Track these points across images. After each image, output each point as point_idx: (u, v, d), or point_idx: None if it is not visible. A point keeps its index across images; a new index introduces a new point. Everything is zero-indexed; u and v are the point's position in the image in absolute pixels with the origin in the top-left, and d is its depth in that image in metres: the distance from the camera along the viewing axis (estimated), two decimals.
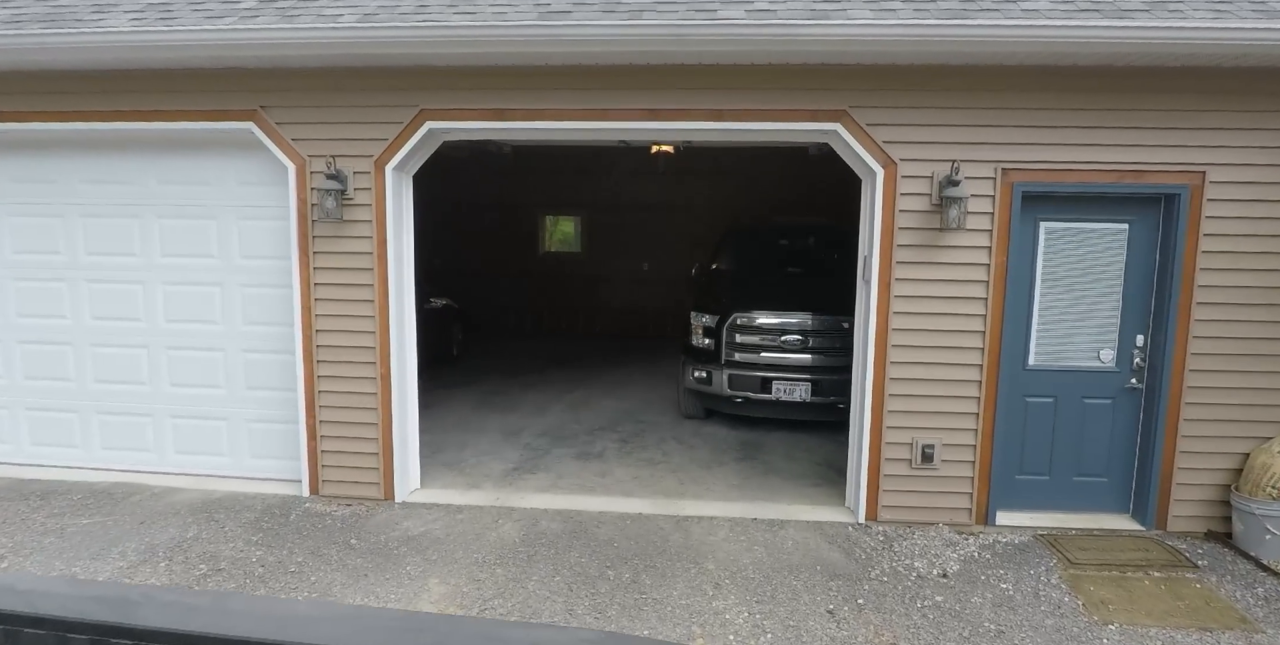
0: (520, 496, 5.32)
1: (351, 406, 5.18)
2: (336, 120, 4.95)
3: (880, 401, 4.82)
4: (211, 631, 0.91)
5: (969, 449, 4.84)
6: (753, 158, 11.82)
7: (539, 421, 7.32)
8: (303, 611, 1.07)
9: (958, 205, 4.47)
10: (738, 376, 6.59)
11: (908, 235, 4.69)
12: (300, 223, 5.05)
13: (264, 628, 0.92)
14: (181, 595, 1.19)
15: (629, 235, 12.99)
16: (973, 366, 4.77)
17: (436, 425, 7.13)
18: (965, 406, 4.80)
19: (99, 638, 0.93)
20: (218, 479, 5.58)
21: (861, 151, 4.64)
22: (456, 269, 13.14)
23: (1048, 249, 4.83)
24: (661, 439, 6.78)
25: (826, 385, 6.43)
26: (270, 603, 1.64)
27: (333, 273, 5.07)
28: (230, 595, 1.13)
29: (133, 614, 0.95)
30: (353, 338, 5.10)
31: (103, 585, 1.44)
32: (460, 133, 4.99)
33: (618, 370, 10.02)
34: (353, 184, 4.95)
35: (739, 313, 6.70)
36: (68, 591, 1.08)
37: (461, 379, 9.25)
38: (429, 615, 1.38)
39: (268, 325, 5.39)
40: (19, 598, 0.99)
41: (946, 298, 4.72)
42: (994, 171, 4.62)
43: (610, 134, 4.99)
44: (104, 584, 1.51)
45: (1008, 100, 4.57)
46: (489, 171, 12.64)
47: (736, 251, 8.28)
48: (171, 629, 0.92)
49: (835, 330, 6.53)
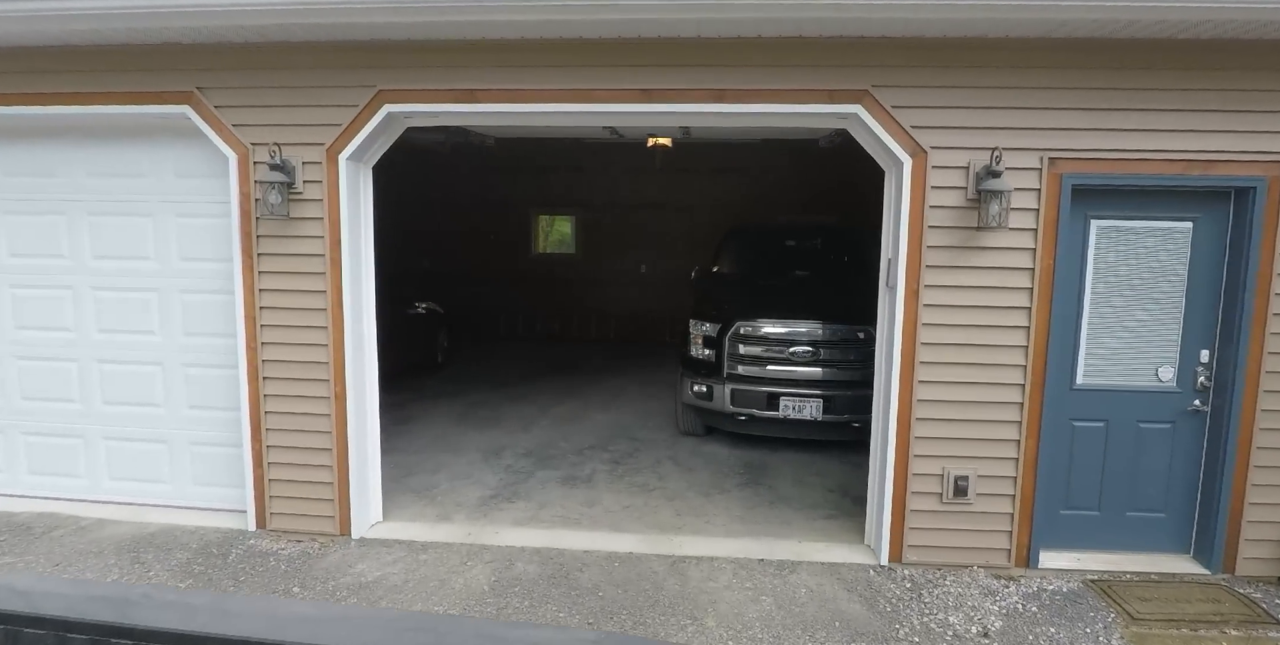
0: (495, 531, 4.69)
1: (302, 429, 4.55)
2: (283, 103, 4.32)
3: (906, 426, 4.19)
4: (211, 631, 0.92)
5: (1008, 481, 4.21)
6: (756, 154, 11.22)
7: (524, 439, 6.69)
8: (303, 611, 1.07)
9: (998, 200, 3.84)
10: (741, 392, 5.96)
11: (939, 235, 4.06)
12: (242, 220, 4.42)
13: (264, 628, 0.93)
14: (181, 595, 1.13)
15: (626, 236, 12.39)
16: (1013, 386, 4.13)
17: (412, 443, 6.51)
18: (1004, 432, 4.17)
19: (99, 638, 0.93)
20: (157, 509, 4.96)
21: (885, 138, 4.01)
22: (445, 271, 12.55)
23: (1099, 251, 4.20)
24: (657, 460, 6.15)
25: (840, 402, 5.79)
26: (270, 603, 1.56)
27: (280, 277, 4.44)
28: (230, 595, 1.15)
29: (133, 614, 0.96)
30: (303, 351, 4.48)
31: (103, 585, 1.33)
32: (424, 117, 4.37)
33: (613, 379, 9.39)
34: (301, 176, 4.33)
35: (742, 321, 6.07)
36: (68, 591, 1.08)
37: (445, 389, 8.62)
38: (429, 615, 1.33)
39: (211, 336, 4.76)
40: (19, 598, 1.00)
41: (984, 307, 4.08)
42: (1039, 161, 3.99)
43: (597, 118, 4.36)
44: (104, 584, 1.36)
45: (1056, 78, 3.94)
46: (477, 168, 12.07)
47: (739, 253, 7.65)
48: (171, 629, 0.93)
49: (849, 341, 5.89)
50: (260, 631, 0.91)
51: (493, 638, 0.96)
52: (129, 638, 0.92)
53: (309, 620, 0.98)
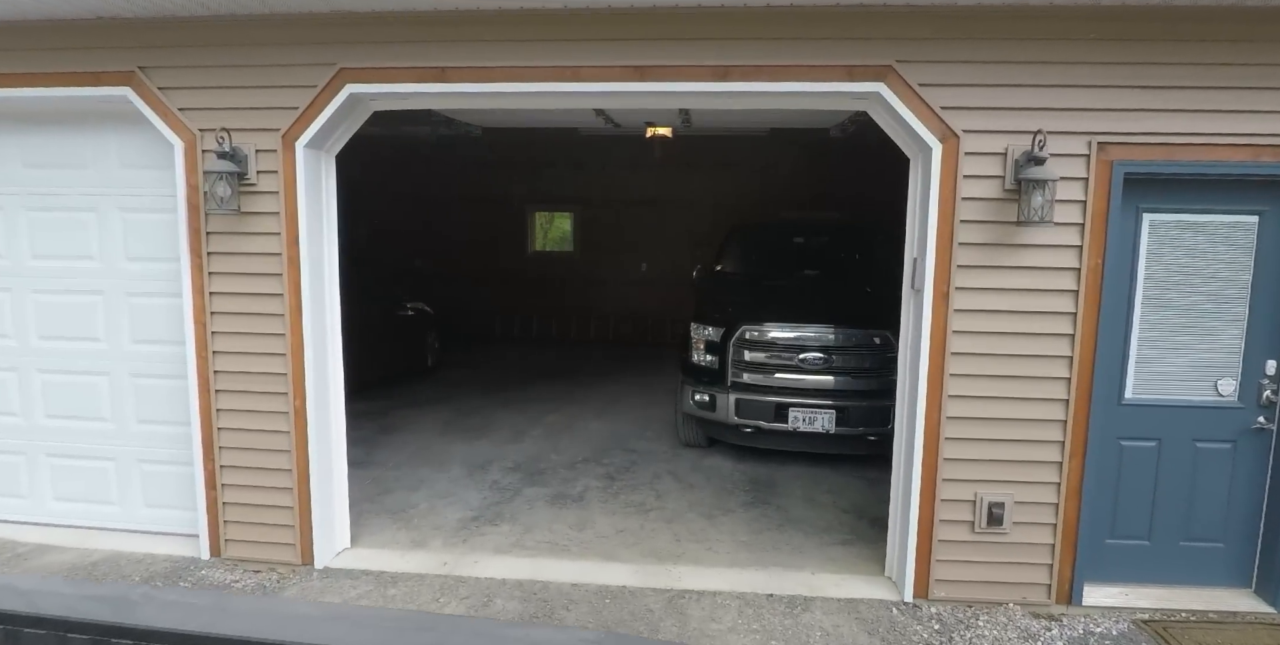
0: (474, 560, 4.23)
1: (258, 447, 4.09)
2: (233, 84, 3.86)
3: (934, 446, 3.71)
4: (211, 631, 0.93)
5: (1049, 508, 3.73)
6: (761, 148, 10.75)
7: (512, 451, 6.22)
8: (303, 611, 1.08)
9: (1042, 190, 3.36)
10: (747, 402, 5.49)
11: (973, 231, 3.58)
12: (190, 215, 3.96)
13: (264, 628, 0.93)
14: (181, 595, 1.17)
15: (626, 234, 11.93)
16: (1056, 402, 3.66)
17: (392, 455, 6.05)
18: (1045, 452, 3.69)
19: (99, 638, 0.93)
20: (104, 533, 4.51)
21: (912, 120, 3.54)
22: (438, 271, 12.12)
23: (1152, 248, 3.72)
24: (655, 475, 5.68)
25: (854, 413, 5.32)
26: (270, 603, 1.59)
27: (232, 279, 3.99)
28: (230, 595, 1.14)
29: (133, 614, 0.96)
30: (258, 361, 4.02)
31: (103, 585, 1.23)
32: (392, 99, 3.90)
33: (610, 384, 8.92)
34: (254, 165, 3.87)
35: (748, 325, 5.60)
36: (68, 591, 1.07)
37: (433, 394, 8.16)
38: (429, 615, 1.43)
39: (160, 344, 4.30)
40: (20, 598, 1.00)
41: (1023, 312, 3.61)
42: (1087, 146, 3.51)
43: (585, 100, 3.88)
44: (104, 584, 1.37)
45: (1106, 51, 3.45)
46: (471, 163, 11.63)
47: (743, 252, 7.18)
48: (171, 629, 0.93)
49: (864, 347, 5.42)
50: (260, 631, 0.91)
51: (493, 637, 0.95)
52: (129, 638, 0.92)
53: (309, 620, 0.98)
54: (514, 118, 6.60)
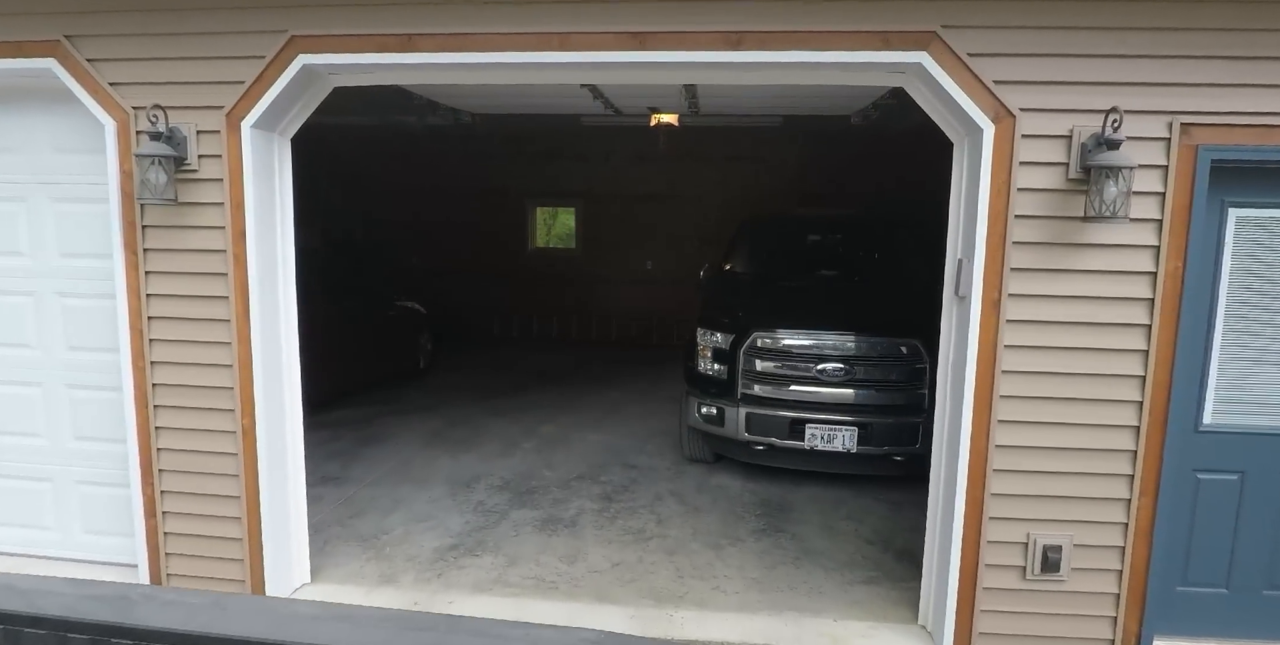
0: (449, 600, 3.72)
1: (202, 471, 3.59)
2: (170, 54, 3.35)
3: (981, 479, 3.18)
4: (211, 631, 0.92)
5: (1114, 551, 3.19)
6: (773, 139, 10.23)
7: (502, 466, 5.72)
8: (303, 611, 1.05)
9: (1116, 180, 2.82)
10: (758, 417, 4.95)
11: (1030, 228, 3.04)
12: (125, 206, 3.46)
13: (264, 628, 0.93)
14: (181, 595, 1.09)
15: (631, 230, 11.40)
16: (1124, 428, 3.12)
17: (370, 470, 5.56)
18: (1111, 487, 3.16)
19: (99, 637, 0.93)
20: (40, 561, 4.04)
21: (959, 97, 2.99)
22: (434, 268, 11.62)
23: (1239, 249, 3.17)
24: (657, 496, 5.16)
25: (878, 431, 4.78)
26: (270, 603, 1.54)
27: (171, 279, 3.49)
28: (230, 595, 1.09)
29: (133, 614, 0.96)
30: (201, 373, 3.52)
31: (103, 585, 1.14)
32: (353, 72, 3.39)
33: (612, 390, 8.41)
34: (195, 148, 3.36)
35: (760, 331, 5.06)
36: (68, 591, 1.06)
37: (422, 401, 7.66)
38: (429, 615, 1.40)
39: (98, 351, 3.81)
40: (20, 597, 0.99)
41: (1088, 324, 3.07)
42: (1167, 128, 2.97)
43: (576, 73, 3.36)
44: (104, 584, 1.15)
45: (1193, 15, 2.91)
46: (468, 155, 11.13)
47: (755, 249, 6.64)
48: (171, 629, 0.92)
49: (890, 357, 4.88)
50: (260, 631, 0.91)
51: (493, 637, 0.94)
52: (129, 638, 0.92)
53: (309, 620, 0.97)
54: (500, 100, 6.03)
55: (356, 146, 11.08)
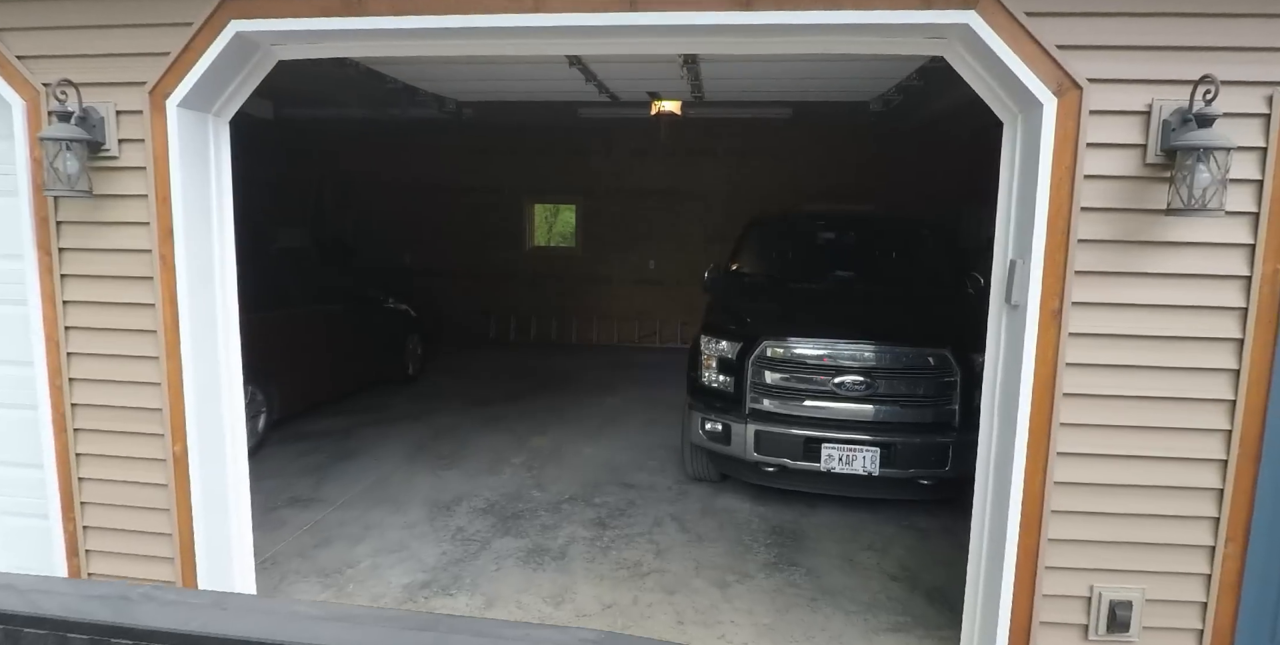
0: None
1: (130, 504, 3.12)
2: (85, 22, 2.88)
3: (1036, 522, 2.67)
4: (211, 631, 0.92)
5: (1194, 608, 2.69)
6: (783, 132, 9.75)
7: (488, 486, 5.23)
8: (303, 611, 1.05)
9: (1209, 164, 2.31)
10: (769, 435, 4.45)
11: (1099, 223, 2.54)
12: (36, 199, 2.99)
13: (264, 628, 0.93)
14: (181, 595, 1.10)
15: (633, 227, 10.93)
16: (1209, 463, 2.61)
17: (343, 490, 5.09)
18: (1192, 532, 2.65)
19: (99, 637, 0.93)
20: None
21: (1014, 63, 2.49)
22: (427, 267, 11.21)
23: None
24: (656, 521, 4.67)
25: (903, 452, 4.28)
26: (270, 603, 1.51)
27: (91, 284, 3.02)
28: (230, 595, 1.07)
29: (133, 614, 0.96)
30: (126, 392, 3.05)
31: (103, 585, 1.12)
32: (296, 41, 2.90)
33: (610, 397, 7.92)
34: (114, 132, 2.89)
35: (770, 339, 4.56)
36: (68, 591, 1.06)
37: (408, 409, 7.19)
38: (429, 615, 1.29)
39: (11, 365, 3.32)
40: (19, 597, 0.99)
41: (1168, 338, 2.56)
42: (1266, 102, 2.46)
43: (555, 41, 2.86)
44: (104, 583, 1.13)
45: None
46: (464, 150, 10.69)
47: (765, 249, 6.14)
48: (171, 629, 0.93)
49: (917, 368, 4.37)
50: (260, 631, 0.91)
51: (493, 637, 0.95)
52: (129, 638, 0.92)
53: (309, 620, 0.97)
54: (483, 84, 5.54)
55: (345, 142, 10.66)
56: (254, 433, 5.78)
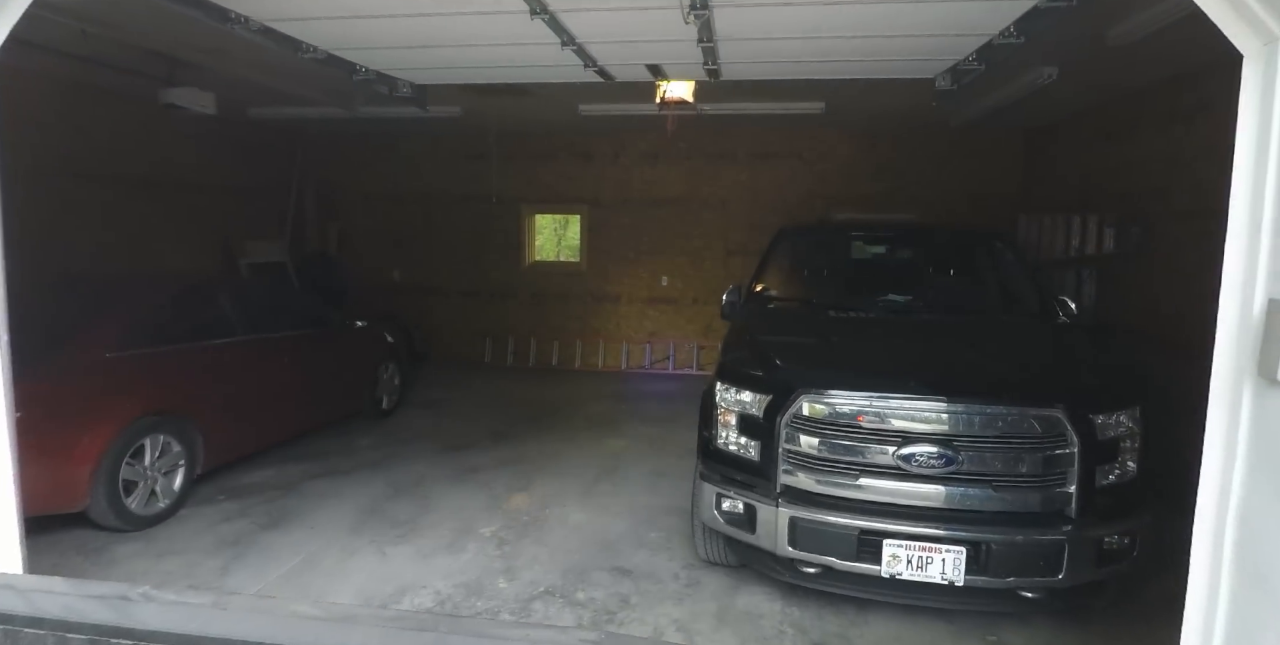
0: None
1: None
2: None
3: None
4: (211, 632, 0.92)
5: None
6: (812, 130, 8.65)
7: (442, 570, 4.09)
8: (303, 611, 1.04)
9: None
10: (809, 525, 3.25)
11: None
12: None
13: (264, 628, 0.93)
14: (181, 595, 1.06)
15: (643, 240, 9.84)
16: None
17: (258, 576, 3.99)
18: None
19: (99, 638, 0.93)
20: None
21: None
22: (415, 283, 10.21)
23: None
24: (657, 631, 3.50)
25: (999, 553, 3.06)
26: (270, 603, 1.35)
27: None
28: (230, 595, 1.07)
29: (133, 614, 0.96)
30: None
31: (103, 585, 1.10)
32: None
33: (611, 436, 6.77)
34: None
35: (809, 393, 3.36)
36: (67, 591, 1.05)
37: (371, 455, 6.08)
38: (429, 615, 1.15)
39: None
40: (19, 597, 0.99)
41: None
42: None
43: None
44: (104, 584, 1.10)
45: None
46: (456, 156, 9.72)
47: (797, 267, 4.99)
48: (171, 629, 0.93)
49: (1018, 437, 3.15)
50: (260, 632, 0.91)
51: (493, 638, 0.94)
52: (129, 638, 0.92)
53: (309, 620, 0.97)
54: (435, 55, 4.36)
55: (327, 148, 9.74)
56: (169, 492, 4.71)
